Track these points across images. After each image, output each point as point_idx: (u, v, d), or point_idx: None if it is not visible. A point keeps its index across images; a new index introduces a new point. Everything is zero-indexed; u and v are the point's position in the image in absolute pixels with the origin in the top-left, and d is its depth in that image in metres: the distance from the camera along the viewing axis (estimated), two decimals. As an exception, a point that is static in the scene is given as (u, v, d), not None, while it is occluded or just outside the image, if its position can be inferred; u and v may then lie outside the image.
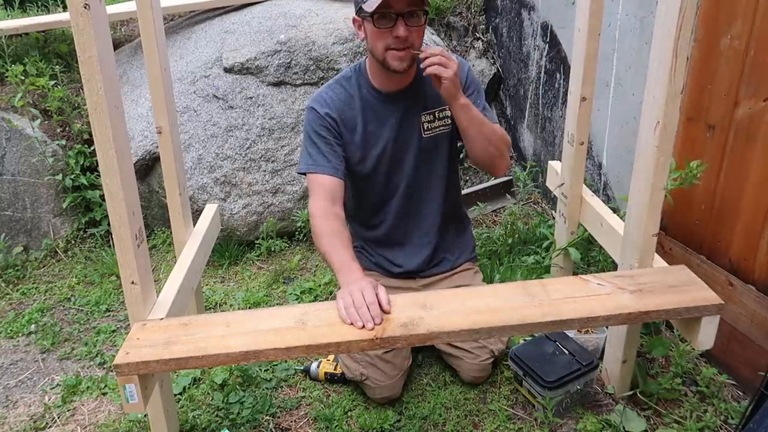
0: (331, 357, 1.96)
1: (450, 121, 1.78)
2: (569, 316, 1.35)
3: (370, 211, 1.88)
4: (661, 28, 1.35)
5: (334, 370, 1.91)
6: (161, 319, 1.43)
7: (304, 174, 1.71)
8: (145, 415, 1.78)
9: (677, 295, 1.41)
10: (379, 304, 1.35)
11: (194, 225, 1.98)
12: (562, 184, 2.01)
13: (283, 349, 1.29)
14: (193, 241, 1.86)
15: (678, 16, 1.28)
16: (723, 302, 1.39)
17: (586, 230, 2.01)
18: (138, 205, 1.39)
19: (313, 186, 1.66)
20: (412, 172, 1.81)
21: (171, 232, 1.95)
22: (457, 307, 1.39)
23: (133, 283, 1.38)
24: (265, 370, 1.99)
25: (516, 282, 1.60)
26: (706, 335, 1.40)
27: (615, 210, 1.98)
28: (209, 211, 2.05)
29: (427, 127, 1.77)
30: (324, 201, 1.61)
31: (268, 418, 1.80)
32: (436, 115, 1.77)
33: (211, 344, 1.31)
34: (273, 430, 1.76)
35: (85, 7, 1.13)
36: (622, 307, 1.37)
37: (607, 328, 1.87)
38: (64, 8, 3.65)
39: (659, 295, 1.42)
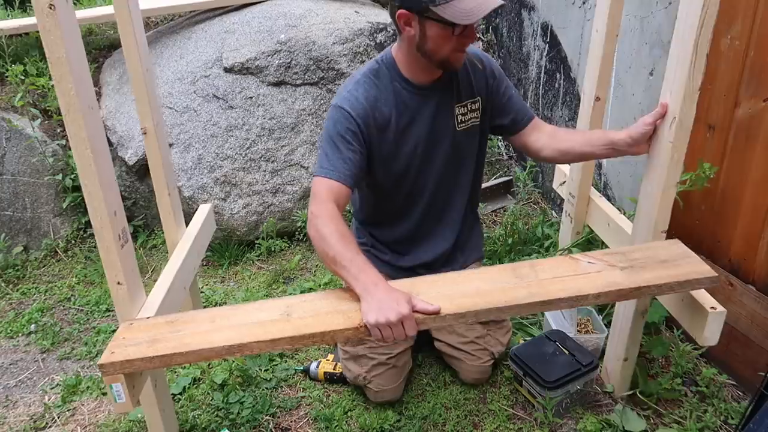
0: (331, 356, 1.96)
1: (480, 114, 1.71)
2: (557, 296, 1.32)
3: (395, 210, 1.77)
4: (683, 24, 1.35)
5: (334, 369, 1.90)
6: (148, 318, 1.42)
7: (316, 175, 1.55)
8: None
9: (669, 269, 1.38)
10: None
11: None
12: (564, 182, 2.00)
13: (267, 341, 1.28)
14: (185, 240, 1.85)
15: (701, 13, 1.28)
16: (716, 275, 1.36)
17: (591, 231, 2.00)
18: (120, 205, 1.37)
19: (320, 188, 1.50)
20: (443, 168, 1.71)
21: (171, 232, 1.95)
22: (444, 292, 1.36)
23: (119, 283, 1.37)
24: (265, 370, 1.99)
25: (505, 264, 1.57)
26: (711, 331, 1.39)
27: (618, 210, 1.97)
28: (203, 210, 2.04)
29: (461, 119, 1.68)
30: (330, 204, 1.47)
31: (268, 418, 1.80)
32: (469, 107, 1.69)
33: (195, 340, 1.30)
34: (273, 430, 1.76)
35: (51, 8, 1.11)
36: (612, 284, 1.34)
37: (608, 328, 1.87)
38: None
39: (651, 270, 1.39)
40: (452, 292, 1.36)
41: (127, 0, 1.57)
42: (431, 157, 1.69)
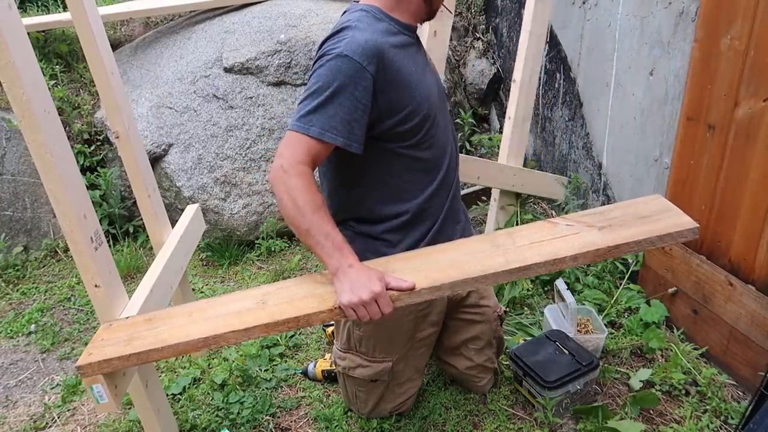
0: (328, 356, 1.96)
1: None
2: (534, 261, 1.29)
3: (412, 180, 1.47)
4: None
5: (331, 366, 1.90)
6: (127, 317, 1.40)
7: (307, 134, 1.27)
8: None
9: (649, 224, 1.35)
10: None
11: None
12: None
13: (242, 330, 1.27)
14: (170, 241, 1.84)
15: None
16: (697, 225, 1.33)
17: None
18: (90, 208, 1.35)
19: (306, 147, 1.27)
20: (450, 118, 1.56)
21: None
22: (419, 267, 1.33)
23: (96, 286, 1.35)
24: (265, 370, 1.99)
25: (483, 234, 1.52)
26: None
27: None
28: (189, 211, 2.02)
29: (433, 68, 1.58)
30: (306, 167, 1.27)
31: (268, 418, 1.80)
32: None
33: (172, 335, 1.29)
34: (273, 430, 1.76)
35: None
36: (590, 245, 1.31)
37: (608, 328, 1.86)
38: (65, 8, 3.65)
39: (629, 227, 1.36)
40: (427, 267, 1.32)
41: (84, 6, 1.53)
42: (442, 105, 1.52)
